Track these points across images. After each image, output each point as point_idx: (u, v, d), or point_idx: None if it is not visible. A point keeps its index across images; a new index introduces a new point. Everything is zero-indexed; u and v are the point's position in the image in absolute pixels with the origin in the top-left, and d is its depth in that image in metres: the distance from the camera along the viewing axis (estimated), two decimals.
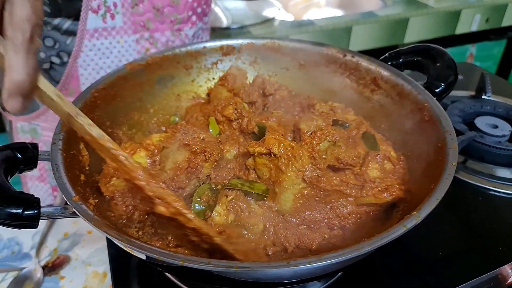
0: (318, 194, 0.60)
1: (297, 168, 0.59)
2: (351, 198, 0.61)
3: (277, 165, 0.60)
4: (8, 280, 0.77)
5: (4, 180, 0.49)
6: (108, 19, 0.85)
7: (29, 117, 1.00)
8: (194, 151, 0.63)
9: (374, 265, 0.68)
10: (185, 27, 0.95)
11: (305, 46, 0.83)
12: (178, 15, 0.92)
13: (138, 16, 0.88)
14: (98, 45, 0.88)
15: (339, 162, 0.62)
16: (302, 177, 0.60)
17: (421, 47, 0.75)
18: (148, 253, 0.44)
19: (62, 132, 0.59)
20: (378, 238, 0.44)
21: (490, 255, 0.69)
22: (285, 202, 0.60)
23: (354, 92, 0.79)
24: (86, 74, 0.92)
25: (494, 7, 2.01)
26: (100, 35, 0.87)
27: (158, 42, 0.93)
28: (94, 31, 0.86)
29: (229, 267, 0.42)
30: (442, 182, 0.50)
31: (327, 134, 0.62)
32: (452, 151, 0.55)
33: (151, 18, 0.89)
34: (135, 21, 0.88)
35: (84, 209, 0.48)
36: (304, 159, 0.60)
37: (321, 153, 0.61)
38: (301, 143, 0.62)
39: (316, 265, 0.42)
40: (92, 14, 0.85)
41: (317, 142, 0.61)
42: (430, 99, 0.66)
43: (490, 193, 0.81)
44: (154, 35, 0.92)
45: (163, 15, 0.90)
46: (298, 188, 0.60)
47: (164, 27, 0.92)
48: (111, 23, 0.87)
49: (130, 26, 0.89)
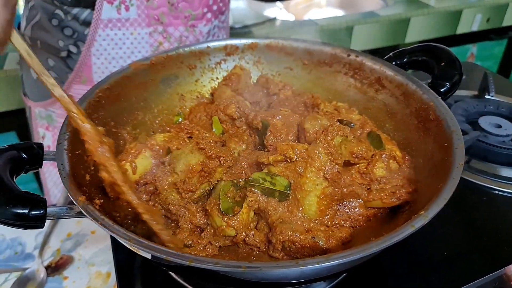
0: (337, 193, 0.60)
1: (316, 167, 0.58)
2: (360, 201, 0.61)
3: (295, 170, 0.59)
4: (11, 281, 0.77)
5: (10, 180, 0.49)
6: (122, 10, 0.87)
7: (45, 104, 1.02)
8: (210, 156, 0.62)
9: (378, 265, 0.68)
10: (200, 24, 0.95)
11: (309, 45, 0.83)
12: (192, 11, 0.92)
13: (152, 9, 0.89)
14: (112, 36, 0.89)
15: (353, 156, 0.61)
16: (322, 175, 0.59)
17: (425, 46, 0.75)
18: (155, 253, 0.44)
19: (67, 132, 0.59)
20: (387, 238, 0.44)
21: (494, 255, 0.69)
22: (309, 207, 0.58)
23: (358, 91, 0.79)
24: (99, 63, 0.93)
25: (495, 7, 2.01)
26: (114, 26, 0.89)
27: (171, 36, 0.94)
28: (108, 21, 0.87)
29: (237, 267, 0.42)
30: (450, 182, 0.50)
31: (339, 129, 0.61)
32: (459, 151, 0.55)
33: (165, 12, 0.90)
34: (149, 14, 0.89)
35: (91, 209, 0.48)
36: (322, 156, 0.59)
37: (336, 148, 0.60)
38: (315, 142, 0.61)
39: (324, 265, 0.42)
40: (107, 5, 0.86)
41: (331, 138, 0.60)
42: (435, 99, 0.66)
43: (494, 192, 0.81)
44: (168, 30, 0.93)
45: (177, 10, 0.90)
46: (321, 188, 0.59)
47: (178, 22, 0.92)
48: (125, 15, 0.88)
49: (144, 19, 0.89)
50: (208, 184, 0.62)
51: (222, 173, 0.63)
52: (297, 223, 0.57)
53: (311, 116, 0.68)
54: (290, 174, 0.59)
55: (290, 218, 0.57)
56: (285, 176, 0.60)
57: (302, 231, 0.55)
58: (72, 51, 0.92)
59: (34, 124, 1.09)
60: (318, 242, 0.54)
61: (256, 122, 0.68)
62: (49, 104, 1.01)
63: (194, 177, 0.61)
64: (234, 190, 0.60)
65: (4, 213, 0.45)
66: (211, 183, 0.62)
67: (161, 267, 0.64)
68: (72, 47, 0.92)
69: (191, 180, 0.61)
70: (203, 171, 0.61)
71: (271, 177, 0.59)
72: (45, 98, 1.02)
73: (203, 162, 0.62)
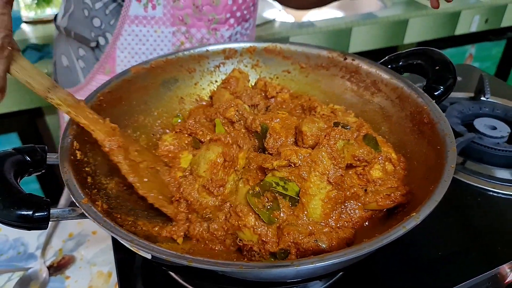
0: (341, 196, 0.60)
1: (320, 171, 0.59)
2: (359, 203, 0.62)
3: (299, 174, 0.59)
4: (14, 280, 0.78)
5: (14, 182, 0.50)
6: (149, 8, 0.90)
7: (71, 91, 1.05)
8: (227, 143, 0.62)
9: (374, 264, 0.69)
10: (222, 28, 0.97)
11: (306, 49, 0.84)
12: (216, 15, 0.95)
13: (177, 10, 0.91)
14: (137, 31, 0.93)
15: (355, 159, 0.62)
16: (326, 179, 0.59)
17: (420, 50, 0.76)
18: (155, 253, 0.46)
19: (70, 135, 0.60)
20: (379, 239, 0.45)
21: (488, 255, 0.70)
22: (314, 210, 0.59)
23: (355, 94, 0.80)
24: (122, 56, 0.96)
25: (493, 7, 2.02)
26: (139, 22, 0.92)
27: (193, 37, 0.96)
28: (135, 18, 0.91)
29: (234, 267, 0.43)
30: (441, 184, 0.51)
31: (341, 133, 0.62)
32: (451, 154, 0.56)
33: (190, 14, 0.93)
34: (174, 14, 0.92)
35: (94, 211, 0.49)
36: (325, 161, 0.59)
37: (339, 152, 0.61)
38: (318, 147, 0.62)
39: (319, 265, 0.43)
40: (136, 2, 0.89)
41: (333, 142, 0.61)
42: (429, 102, 0.67)
43: (489, 193, 0.82)
44: (191, 31, 0.95)
45: (201, 13, 0.93)
46: (325, 192, 0.59)
47: (201, 24, 0.95)
48: (152, 13, 0.91)
49: (169, 18, 0.92)
50: (236, 174, 0.62)
51: (244, 159, 0.63)
52: (303, 226, 0.58)
53: (308, 119, 0.69)
54: (294, 178, 0.60)
55: (296, 221, 0.58)
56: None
57: (306, 234, 0.56)
58: (100, 42, 0.96)
59: (61, 117, 1.15)
60: (320, 245, 0.55)
61: (255, 126, 0.69)
62: (74, 92, 1.04)
63: (219, 170, 0.61)
64: (257, 199, 0.59)
65: (9, 215, 0.47)
66: (238, 172, 0.62)
67: (161, 267, 0.66)
68: (101, 38, 0.96)
69: (217, 175, 0.61)
70: (226, 161, 0.61)
71: (284, 182, 0.59)
72: (72, 85, 1.05)
73: (223, 152, 0.62)
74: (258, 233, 0.56)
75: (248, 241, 0.57)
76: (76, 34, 0.99)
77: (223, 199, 0.62)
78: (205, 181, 0.61)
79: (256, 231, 0.56)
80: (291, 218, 0.58)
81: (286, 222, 0.57)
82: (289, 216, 0.58)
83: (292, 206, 0.59)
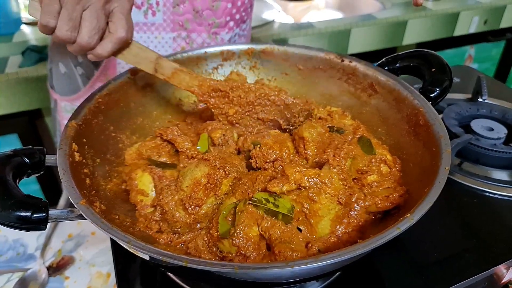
0: (347, 211, 0.60)
1: (331, 193, 0.58)
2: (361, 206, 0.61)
3: (308, 196, 0.58)
4: (14, 281, 0.78)
5: (13, 184, 0.50)
6: (149, 15, 0.90)
7: (71, 98, 1.05)
8: (214, 166, 0.62)
9: (372, 264, 0.70)
10: (222, 32, 0.98)
11: (304, 51, 0.85)
12: (216, 19, 0.95)
13: (177, 15, 0.92)
14: (137, 38, 0.93)
15: (359, 173, 0.62)
16: (337, 200, 0.59)
17: (417, 52, 0.77)
18: (152, 254, 0.46)
19: (68, 137, 0.61)
20: (373, 240, 0.46)
21: (485, 255, 0.70)
22: (323, 230, 0.58)
23: (352, 96, 0.81)
24: (123, 63, 0.96)
25: (492, 8, 2.02)
26: (140, 29, 0.92)
27: (194, 42, 0.97)
28: (135, 25, 0.91)
29: (230, 268, 0.44)
30: (435, 186, 0.52)
31: (349, 151, 0.62)
32: (446, 156, 0.57)
33: (190, 19, 0.93)
34: (174, 20, 0.92)
35: (92, 212, 0.50)
36: (336, 183, 0.58)
37: (348, 171, 0.61)
38: (326, 166, 0.61)
39: (313, 265, 0.44)
40: (136, 9, 0.90)
41: (343, 163, 0.60)
42: (425, 104, 0.67)
43: (486, 194, 0.82)
44: (191, 36, 0.96)
45: (201, 18, 0.93)
46: (334, 212, 0.59)
47: (201, 29, 0.95)
48: (152, 19, 0.91)
49: (169, 24, 0.93)
50: (215, 198, 0.61)
51: (228, 185, 0.62)
52: (298, 242, 0.56)
53: (307, 124, 0.68)
54: (303, 200, 0.58)
55: (290, 238, 0.56)
56: (298, 203, 0.59)
57: (302, 251, 0.55)
58: None
59: (60, 117, 1.12)
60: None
61: (247, 145, 0.68)
62: (76, 99, 1.04)
63: (200, 190, 0.60)
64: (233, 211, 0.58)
65: (8, 217, 0.47)
66: (217, 196, 0.61)
67: (159, 267, 0.66)
68: None
69: (197, 194, 0.60)
70: (209, 183, 0.61)
71: (274, 198, 0.58)
72: (71, 93, 1.05)
73: (209, 174, 0.61)
74: (237, 245, 0.55)
75: (227, 252, 0.56)
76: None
77: (196, 218, 0.60)
78: (184, 196, 0.60)
79: (234, 243, 0.55)
80: (284, 235, 0.56)
81: (278, 240, 0.55)
82: (283, 233, 0.56)
83: (287, 224, 0.57)
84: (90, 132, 0.67)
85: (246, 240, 0.55)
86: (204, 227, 0.60)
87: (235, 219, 0.57)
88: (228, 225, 0.57)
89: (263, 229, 0.56)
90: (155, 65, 0.70)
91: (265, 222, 0.57)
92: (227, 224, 0.57)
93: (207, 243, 0.58)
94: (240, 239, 0.55)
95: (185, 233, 0.60)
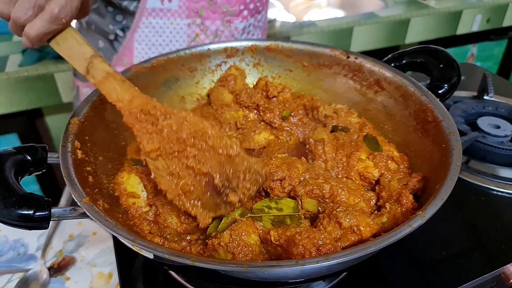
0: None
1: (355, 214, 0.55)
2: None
3: (332, 214, 0.55)
4: (14, 281, 0.77)
5: (15, 181, 0.49)
6: (165, 1, 0.92)
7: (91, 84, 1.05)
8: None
9: (378, 264, 0.69)
10: (236, 20, 0.99)
11: (308, 47, 0.84)
12: (230, 7, 0.96)
13: (193, 2, 0.93)
14: (154, 24, 0.95)
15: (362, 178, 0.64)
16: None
17: (424, 48, 0.76)
18: (157, 253, 0.45)
19: (71, 135, 0.60)
20: (385, 237, 0.45)
21: (493, 255, 0.70)
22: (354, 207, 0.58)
23: (358, 93, 0.80)
24: (140, 48, 0.99)
25: (494, 7, 2.02)
26: (156, 15, 0.94)
27: (208, 29, 0.98)
28: (152, 10, 0.93)
29: (239, 267, 0.43)
30: (447, 183, 0.51)
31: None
32: (457, 152, 0.56)
33: (205, 6, 0.94)
34: (189, 6, 0.94)
35: (95, 210, 0.49)
36: (361, 205, 0.58)
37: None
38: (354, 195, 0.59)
39: (324, 264, 0.43)
40: None
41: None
42: (434, 100, 0.66)
43: (493, 193, 0.82)
44: (205, 23, 0.97)
45: (216, 5, 0.95)
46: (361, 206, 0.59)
47: (215, 16, 0.96)
48: (168, 5, 0.93)
49: (184, 10, 0.94)
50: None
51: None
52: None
53: (321, 128, 0.70)
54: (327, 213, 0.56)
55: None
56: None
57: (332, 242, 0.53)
58: (119, 34, 0.99)
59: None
60: None
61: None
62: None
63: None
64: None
65: (10, 215, 0.46)
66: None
67: (163, 266, 0.65)
68: (119, 31, 0.98)
69: None
70: None
71: (275, 202, 0.56)
72: None
73: None
74: (232, 252, 0.52)
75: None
76: (97, 27, 1.01)
77: (187, 229, 0.59)
78: None
79: (230, 250, 0.52)
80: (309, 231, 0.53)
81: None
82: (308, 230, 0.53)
83: (297, 224, 0.54)
84: (93, 129, 0.65)
85: (243, 246, 0.52)
86: (201, 238, 0.58)
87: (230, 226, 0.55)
88: (217, 225, 0.55)
89: (275, 238, 0.54)
90: (88, 64, 0.59)
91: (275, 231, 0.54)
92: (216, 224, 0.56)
93: (202, 254, 0.55)
94: (236, 244, 0.52)
95: (173, 241, 0.57)
